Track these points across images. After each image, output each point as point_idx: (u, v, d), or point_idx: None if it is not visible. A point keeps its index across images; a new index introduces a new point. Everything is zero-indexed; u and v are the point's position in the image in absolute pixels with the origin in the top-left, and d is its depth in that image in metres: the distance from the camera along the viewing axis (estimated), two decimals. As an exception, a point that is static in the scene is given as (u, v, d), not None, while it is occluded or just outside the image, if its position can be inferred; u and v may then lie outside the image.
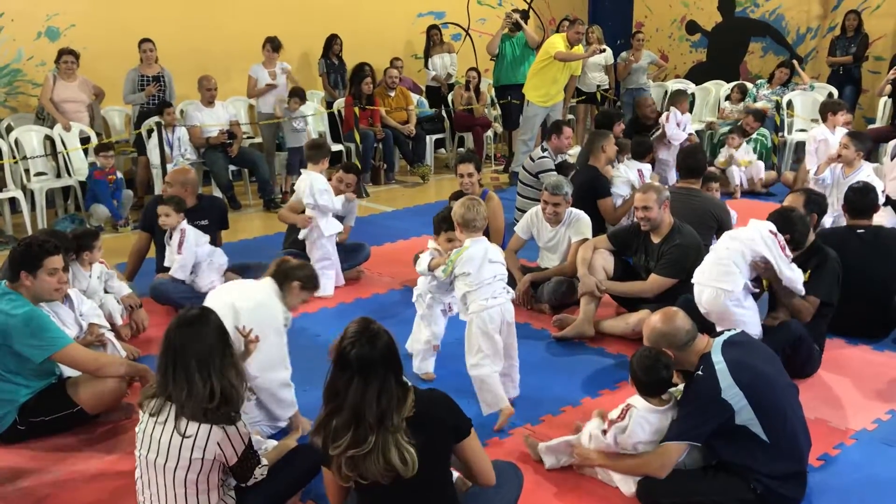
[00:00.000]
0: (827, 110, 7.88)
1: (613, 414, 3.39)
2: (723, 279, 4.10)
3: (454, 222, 4.07)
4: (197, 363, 2.81)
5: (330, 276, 5.83)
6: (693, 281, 4.29)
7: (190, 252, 5.36)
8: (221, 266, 5.57)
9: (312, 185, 5.72)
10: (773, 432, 3.11)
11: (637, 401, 3.32)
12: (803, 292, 4.28)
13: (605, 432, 3.36)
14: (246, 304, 3.58)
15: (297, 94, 8.97)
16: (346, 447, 2.54)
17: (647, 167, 6.97)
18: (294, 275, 3.76)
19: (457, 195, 5.92)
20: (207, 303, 3.53)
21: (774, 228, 4.20)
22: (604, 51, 10.18)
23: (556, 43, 8.91)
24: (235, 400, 2.87)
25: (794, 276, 4.19)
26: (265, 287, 3.73)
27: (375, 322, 2.67)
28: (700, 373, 3.19)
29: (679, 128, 8.38)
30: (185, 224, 5.39)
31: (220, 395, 2.82)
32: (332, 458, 2.60)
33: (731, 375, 3.10)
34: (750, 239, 4.15)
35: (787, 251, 4.19)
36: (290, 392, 3.78)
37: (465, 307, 3.98)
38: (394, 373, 2.60)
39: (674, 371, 3.33)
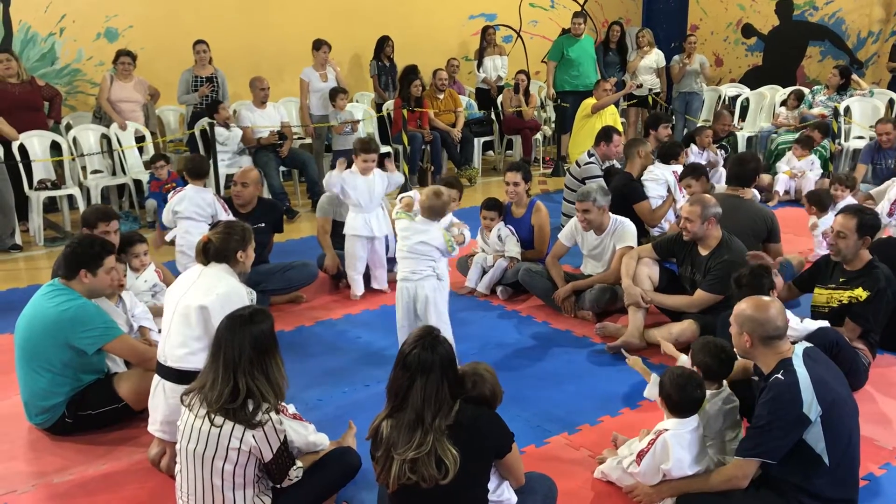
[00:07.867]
0: None
1: (641, 445, 3.29)
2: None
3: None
4: (225, 362, 2.89)
5: (356, 278, 5.88)
6: None
7: None
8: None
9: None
10: (835, 456, 3.00)
11: (665, 423, 3.24)
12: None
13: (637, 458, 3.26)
14: (211, 301, 3.44)
15: (339, 92, 8.90)
16: (410, 449, 2.63)
17: (680, 168, 6.83)
18: (230, 246, 3.62)
19: (488, 202, 6.01)
20: (167, 310, 3.55)
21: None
22: (640, 86, 10.77)
23: (588, 103, 9.01)
24: (260, 403, 2.90)
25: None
26: (219, 275, 3.58)
27: (438, 331, 2.82)
28: (780, 377, 3.03)
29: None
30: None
31: (244, 397, 2.87)
32: (387, 464, 2.69)
33: (815, 392, 2.96)
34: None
35: None
36: None
37: None
38: (448, 381, 2.70)
39: (706, 388, 3.28)
